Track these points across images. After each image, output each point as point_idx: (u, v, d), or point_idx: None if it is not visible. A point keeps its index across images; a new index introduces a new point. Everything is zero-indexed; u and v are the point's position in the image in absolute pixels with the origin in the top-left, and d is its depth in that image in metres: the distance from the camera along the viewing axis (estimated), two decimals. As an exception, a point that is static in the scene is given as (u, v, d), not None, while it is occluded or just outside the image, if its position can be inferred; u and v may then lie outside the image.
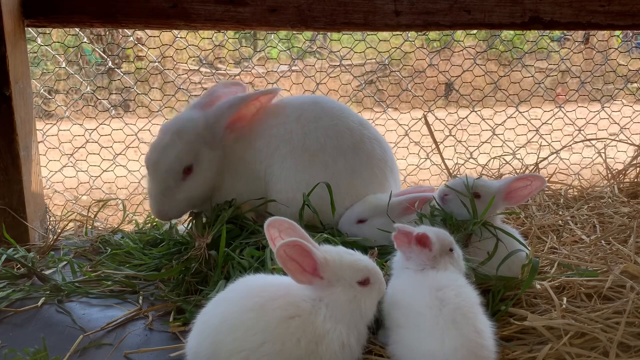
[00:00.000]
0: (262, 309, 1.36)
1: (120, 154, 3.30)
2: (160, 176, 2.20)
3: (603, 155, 3.35)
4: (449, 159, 3.28)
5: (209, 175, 2.26)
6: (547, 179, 3.15)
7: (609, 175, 3.26)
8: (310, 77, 3.53)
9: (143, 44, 3.55)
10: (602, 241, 2.31)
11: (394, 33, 3.43)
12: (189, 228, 2.27)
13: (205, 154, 2.23)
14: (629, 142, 3.49)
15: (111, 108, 3.43)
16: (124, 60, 3.96)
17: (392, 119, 3.51)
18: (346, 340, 1.41)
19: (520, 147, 3.56)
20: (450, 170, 3.18)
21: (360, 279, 1.45)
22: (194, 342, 1.41)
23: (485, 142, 3.60)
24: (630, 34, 4.27)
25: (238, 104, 2.26)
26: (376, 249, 1.85)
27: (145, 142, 3.30)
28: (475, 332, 1.36)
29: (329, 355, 1.38)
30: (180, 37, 3.32)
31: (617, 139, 3.52)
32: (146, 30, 3.31)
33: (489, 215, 1.97)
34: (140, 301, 2.00)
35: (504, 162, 3.38)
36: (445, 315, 1.38)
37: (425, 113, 3.24)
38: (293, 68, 3.58)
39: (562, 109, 3.64)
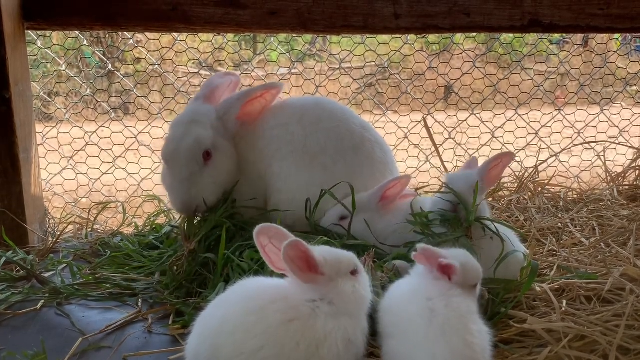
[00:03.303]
0: (262, 312, 1.36)
1: (120, 156, 3.30)
2: (183, 163, 2.14)
3: (602, 158, 3.36)
4: (448, 162, 3.28)
5: (228, 163, 2.24)
6: (546, 181, 3.15)
7: (609, 178, 3.27)
8: (309, 79, 3.53)
9: (143, 47, 3.55)
10: (602, 244, 2.31)
11: (394, 36, 3.44)
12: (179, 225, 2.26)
13: (221, 142, 2.23)
14: (628, 145, 3.49)
15: (111, 111, 3.43)
16: (123, 62, 3.97)
17: (392, 121, 3.52)
18: (352, 335, 1.42)
19: (520, 150, 3.56)
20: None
21: (352, 269, 1.50)
22: (194, 344, 1.41)
23: (485, 144, 3.60)
24: (630, 37, 4.28)
25: (245, 95, 2.28)
26: (373, 249, 1.85)
27: (145, 145, 3.31)
28: (465, 344, 1.34)
29: (331, 357, 1.37)
30: (180, 40, 3.32)
31: (616, 141, 3.53)
32: (146, 33, 3.31)
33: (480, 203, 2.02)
34: (140, 304, 2.00)
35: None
36: (435, 327, 1.36)
37: (424, 116, 3.24)
38: (293, 71, 3.58)
39: (562, 111, 3.64)
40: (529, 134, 3.60)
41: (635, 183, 3.17)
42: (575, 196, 3.08)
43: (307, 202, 2.20)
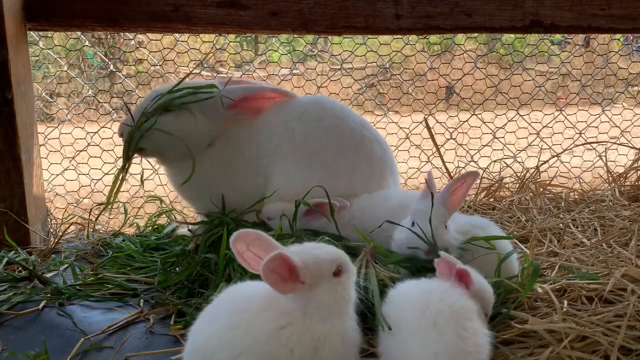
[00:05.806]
0: (249, 324, 1.28)
1: (121, 157, 3.29)
2: (146, 100, 2.25)
3: (604, 158, 3.36)
4: (449, 162, 3.29)
5: (190, 130, 2.24)
6: (548, 182, 3.15)
7: (610, 178, 3.27)
8: (311, 80, 3.53)
9: (144, 48, 3.56)
10: (603, 244, 2.31)
11: (395, 37, 3.44)
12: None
13: (201, 116, 2.26)
14: (630, 145, 3.49)
15: (112, 111, 3.44)
16: (125, 63, 3.98)
17: (393, 122, 3.52)
18: (349, 329, 1.38)
19: (521, 151, 3.56)
20: (452, 174, 3.18)
21: (335, 271, 1.39)
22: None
23: (486, 145, 3.60)
24: (631, 38, 4.28)
25: (257, 89, 2.30)
26: (371, 245, 1.80)
27: (146, 145, 3.30)
28: (458, 337, 1.32)
29: (332, 356, 1.33)
30: (182, 41, 3.32)
31: (617, 142, 3.53)
32: (147, 34, 3.32)
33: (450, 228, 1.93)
34: (141, 304, 2.00)
35: (505, 165, 3.39)
36: (427, 319, 1.35)
37: (426, 116, 3.24)
38: (294, 71, 3.59)
39: (563, 112, 3.64)
40: (531, 134, 3.60)
41: (636, 183, 3.17)
42: (577, 196, 3.08)
43: (296, 204, 2.18)
